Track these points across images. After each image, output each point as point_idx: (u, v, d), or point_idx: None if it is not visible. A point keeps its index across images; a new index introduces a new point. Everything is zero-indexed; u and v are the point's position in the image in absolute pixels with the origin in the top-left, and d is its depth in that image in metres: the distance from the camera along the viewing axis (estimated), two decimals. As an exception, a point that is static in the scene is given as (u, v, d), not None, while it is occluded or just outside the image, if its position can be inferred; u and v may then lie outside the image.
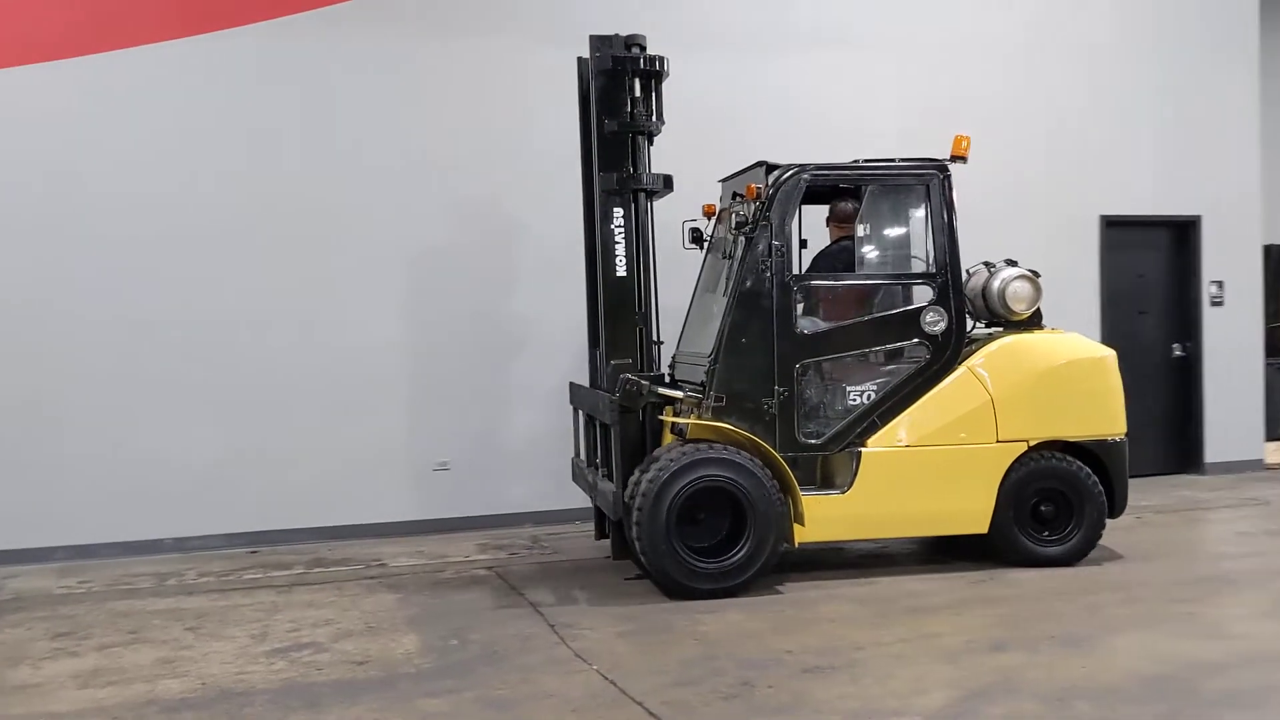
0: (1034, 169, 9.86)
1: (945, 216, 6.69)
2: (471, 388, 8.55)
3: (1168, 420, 10.51)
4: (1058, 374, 6.83)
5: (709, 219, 7.57)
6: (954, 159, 6.74)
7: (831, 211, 7.39)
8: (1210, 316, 10.51)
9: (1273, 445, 10.86)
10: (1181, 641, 5.24)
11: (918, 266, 6.85)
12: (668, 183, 6.84)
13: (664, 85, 6.84)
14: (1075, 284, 9.98)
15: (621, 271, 6.66)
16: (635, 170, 6.67)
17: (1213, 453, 10.46)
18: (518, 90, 8.59)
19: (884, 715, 4.33)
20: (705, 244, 7.53)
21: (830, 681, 4.75)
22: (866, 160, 6.84)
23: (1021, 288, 6.90)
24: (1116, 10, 10.23)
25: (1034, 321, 7.02)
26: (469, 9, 8.58)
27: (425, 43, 8.46)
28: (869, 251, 6.95)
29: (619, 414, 6.37)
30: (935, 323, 6.65)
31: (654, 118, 6.77)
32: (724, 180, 7.60)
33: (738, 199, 6.85)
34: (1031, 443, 6.74)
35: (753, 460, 6.29)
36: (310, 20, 8.22)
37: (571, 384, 7.83)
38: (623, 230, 6.65)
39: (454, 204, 8.52)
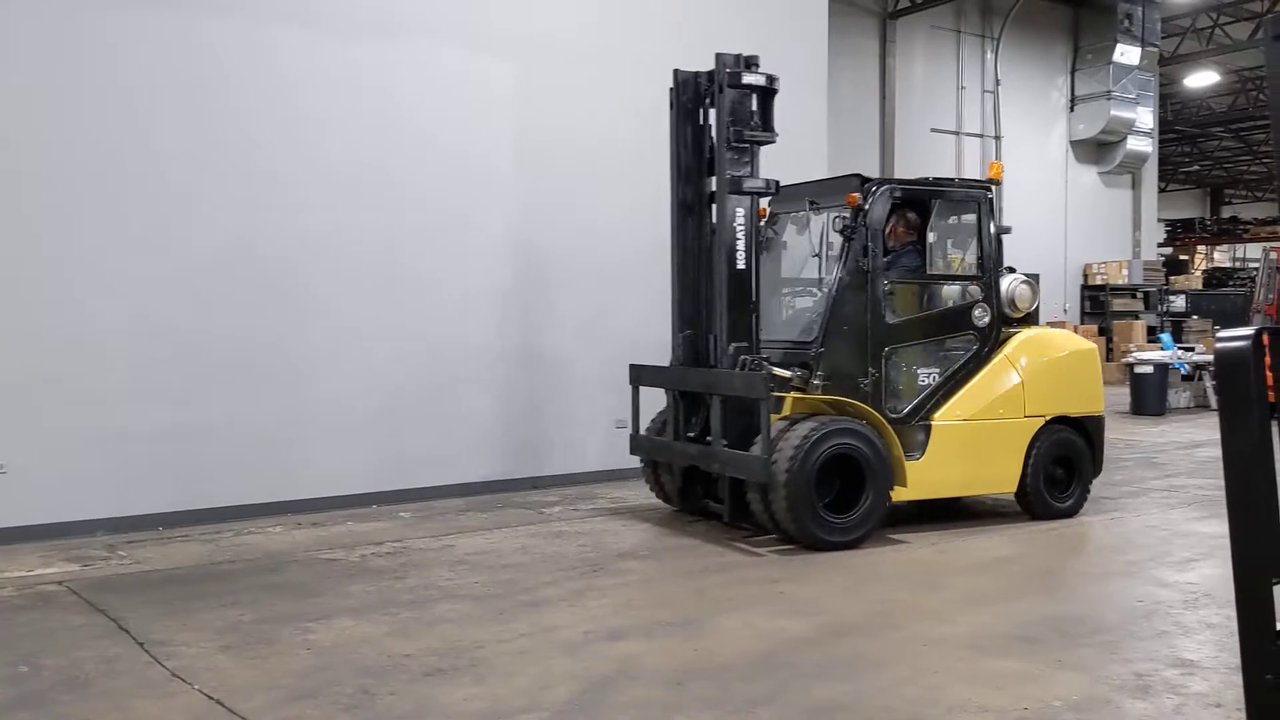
0: (630, 177, 10.29)
1: (991, 227, 8.12)
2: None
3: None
4: (1064, 362, 8.33)
5: (760, 220, 8.05)
6: (991, 181, 8.36)
7: (898, 219, 8.02)
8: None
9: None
10: (779, 620, 5.62)
11: (970, 270, 8.20)
12: (776, 187, 7.66)
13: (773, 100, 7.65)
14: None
15: (741, 265, 7.53)
16: (754, 174, 7.53)
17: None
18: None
19: (511, 714, 4.28)
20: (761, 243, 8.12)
21: (454, 683, 4.63)
22: (935, 179, 8.35)
23: (1024, 290, 8.20)
24: (699, 38, 10.85)
25: (1031, 318, 8.40)
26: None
27: None
28: (937, 255, 8.22)
29: (767, 390, 7.06)
30: (981, 317, 8.00)
31: (769, 129, 7.63)
32: (792, 185, 8.08)
33: (812, 206, 8.07)
34: (1047, 418, 8.10)
35: (871, 430, 7.24)
36: None
37: (640, 366, 8.46)
38: (743, 228, 7.50)
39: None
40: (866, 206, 7.59)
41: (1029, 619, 5.59)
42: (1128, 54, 20.86)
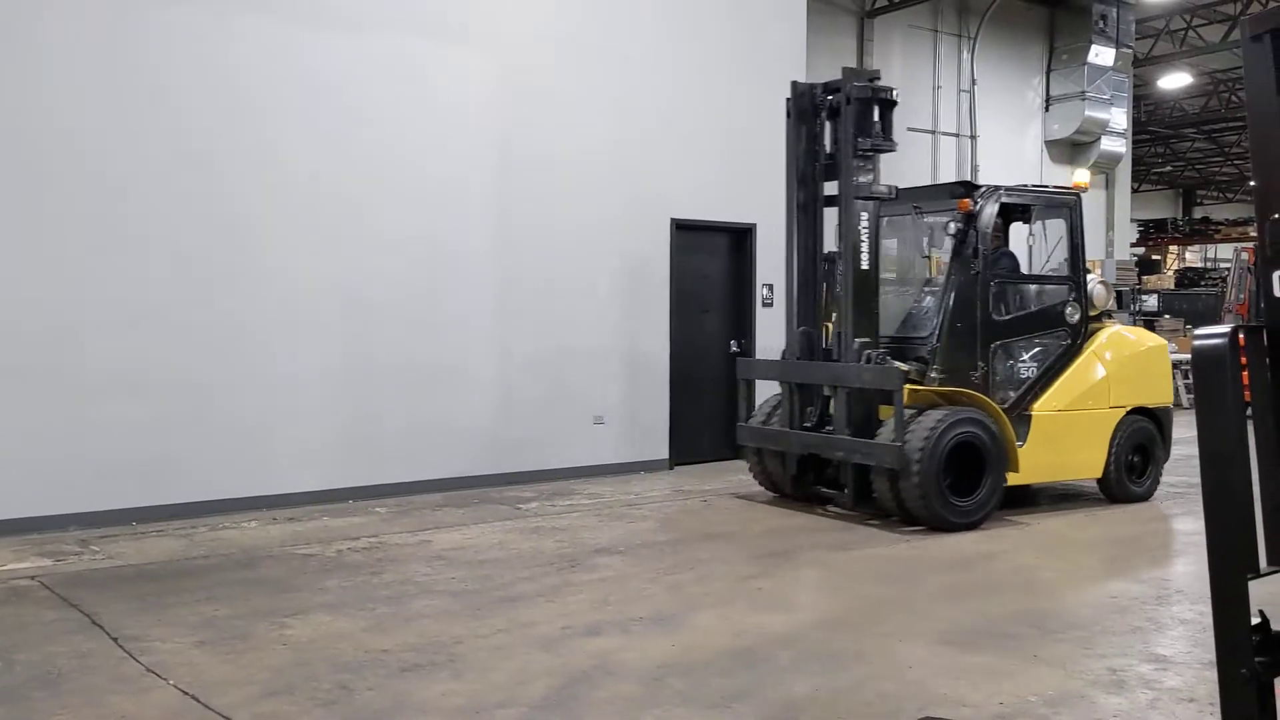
0: (611, 170, 10.29)
1: (1079, 232, 8.76)
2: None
3: (726, 411, 11.35)
4: (1141, 357, 8.96)
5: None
6: (1079, 190, 9.13)
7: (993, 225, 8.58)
8: (761, 316, 11.48)
9: (810, 433, 12.07)
10: (755, 615, 5.64)
11: (1060, 271, 8.91)
12: (895, 192, 8.25)
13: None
14: (650, 283, 10.54)
15: (865, 265, 8.11)
16: (876, 180, 8.15)
17: (762, 441, 11.45)
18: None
19: (489, 710, 4.28)
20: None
21: (432, 678, 4.62)
22: (1034, 185, 9.21)
23: (1100, 290, 8.87)
24: (683, 36, 10.89)
25: (1106, 316, 9.11)
26: None
27: None
28: (1035, 256, 9.10)
29: (901, 382, 7.66)
30: (1072, 314, 8.65)
31: (889, 138, 8.24)
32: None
33: (917, 210, 8.73)
34: (1127, 409, 8.72)
35: (990, 419, 7.81)
36: None
37: (749, 360, 9.40)
38: (868, 231, 8.06)
39: None
40: (976, 211, 8.19)
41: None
42: (1102, 55, 20.97)
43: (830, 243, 8.74)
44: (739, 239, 11.39)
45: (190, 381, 8.08)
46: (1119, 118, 22.16)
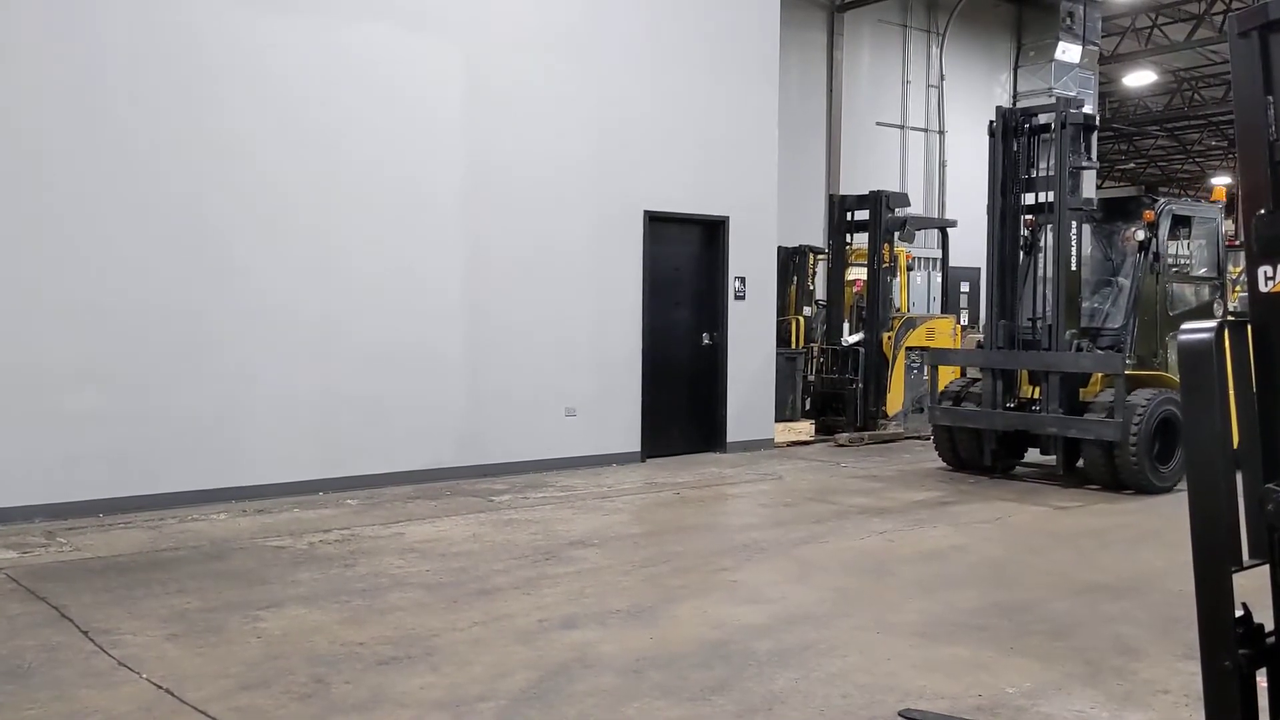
0: (583, 162, 10.26)
1: (1222, 239, 10.23)
2: None
3: (698, 403, 11.38)
4: None
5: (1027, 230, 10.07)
6: (1220, 202, 10.47)
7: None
8: (733, 309, 11.51)
9: (781, 426, 12.11)
10: (731, 608, 5.64)
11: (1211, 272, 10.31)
12: (1097, 204, 10.17)
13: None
14: (622, 275, 10.52)
15: (1074, 266, 9.40)
16: (1079, 193, 9.52)
17: (733, 432, 11.47)
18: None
19: (469, 702, 4.25)
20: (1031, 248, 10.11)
21: (409, 671, 4.59)
22: (1195, 199, 10.66)
23: None
24: (657, 27, 10.86)
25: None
26: None
27: None
28: (1197, 260, 10.27)
29: (1123, 367, 8.97)
30: (1218, 309, 10.02)
31: (1091, 158, 9.60)
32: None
33: (1095, 219, 10.10)
34: None
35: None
36: None
37: (941, 350, 11.40)
38: (1076, 237, 9.36)
39: None
40: (1157, 221, 9.44)
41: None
42: (1069, 52, 21.15)
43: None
44: (711, 231, 11.39)
45: (157, 372, 7.98)
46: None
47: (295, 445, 8.63)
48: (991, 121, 9.96)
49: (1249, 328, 2.66)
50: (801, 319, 13.93)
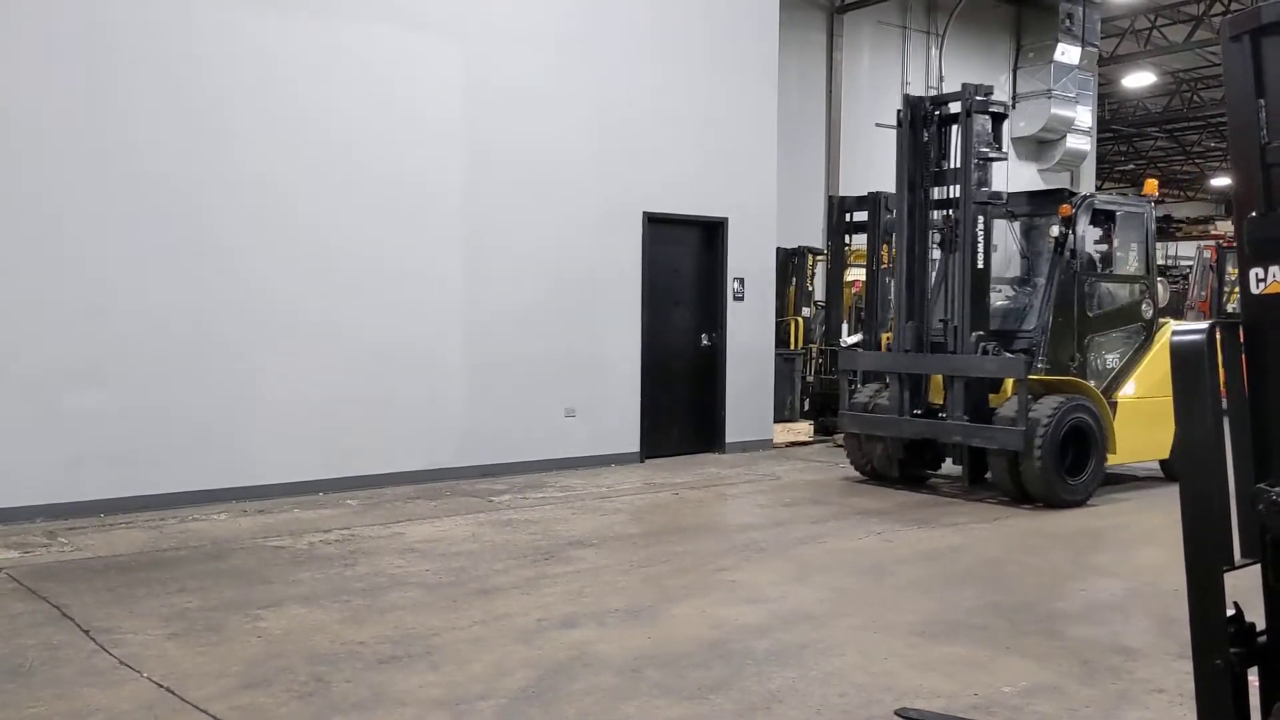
0: (583, 163, 10.29)
1: (1152, 235, 9.67)
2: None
3: (696, 404, 11.40)
4: None
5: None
6: (1151, 197, 9.84)
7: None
8: (732, 310, 11.53)
9: (779, 426, 12.13)
10: (730, 608, 5.67)
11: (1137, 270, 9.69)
12: (1005, 197, 9.13)
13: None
14: (622, 276, 10.55)
15: (980, 264, 8.72)
16: (988, 186, 8.78)
17: (732, 433, 11.50)
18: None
19: (469, 701, 4.28)
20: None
21: (409, 670, 4.62)
22: (1116, 195, 9.67)
23: (1160, 289, 9.67)
24: (658, 28, 10.89)
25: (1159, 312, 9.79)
26: None
27: None
28: (1118, 257, 9.62)
29: (1026, 371, 8.32)
30: (1146, 310, 9.52)
31: (1000, 148, 8.84)
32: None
33: (1010, 215, 9.71)
34: None
35: (1095, 405, 8.59)
36: None
37: (854, 352, 10.40)
38: (983, 233, 8.74)
39: None
40: (1075, 216, 8.94)
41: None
42: (1068, 53, 21.16)
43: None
44: (711, 232, 11.42)
45: (157, 373, 8.01)
46: (1084, 116, 22.36)
47: (295, 445, 8.66)
48: (899, 111, 9.38)
49: (1240, 329, 2.68)
50: (800, 320, 13.96)
